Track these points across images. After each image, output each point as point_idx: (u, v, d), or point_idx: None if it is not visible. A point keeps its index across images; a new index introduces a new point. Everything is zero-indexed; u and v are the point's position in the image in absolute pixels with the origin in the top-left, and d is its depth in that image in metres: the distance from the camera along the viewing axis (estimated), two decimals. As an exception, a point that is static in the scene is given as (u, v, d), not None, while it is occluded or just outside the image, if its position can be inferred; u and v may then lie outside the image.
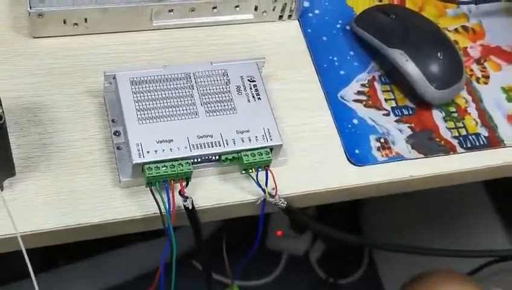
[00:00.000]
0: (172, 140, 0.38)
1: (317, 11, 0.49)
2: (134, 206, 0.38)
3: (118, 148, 0.39)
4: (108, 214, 0.38)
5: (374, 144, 0.43)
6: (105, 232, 0.38)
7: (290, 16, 0.48)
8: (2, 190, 0.37)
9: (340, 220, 0.52)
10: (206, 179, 0.40)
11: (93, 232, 0.38)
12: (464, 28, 0.51)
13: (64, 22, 0.43)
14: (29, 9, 0.41)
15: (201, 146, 0.38)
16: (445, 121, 0.46)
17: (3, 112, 0.32)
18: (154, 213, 0.38)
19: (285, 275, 0.93)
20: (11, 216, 0.32)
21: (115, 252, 0.82)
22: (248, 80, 0.41)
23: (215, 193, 0.40)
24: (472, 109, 0.47)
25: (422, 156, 0.44)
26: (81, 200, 0.38)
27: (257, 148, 0.38)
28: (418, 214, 0.86)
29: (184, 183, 0.38)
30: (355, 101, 0.45)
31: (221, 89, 0.40)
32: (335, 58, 0.47)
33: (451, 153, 0.44)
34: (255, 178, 0.39)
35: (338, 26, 0.49)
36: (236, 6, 0.46)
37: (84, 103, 0.41)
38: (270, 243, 0.92)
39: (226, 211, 0.40)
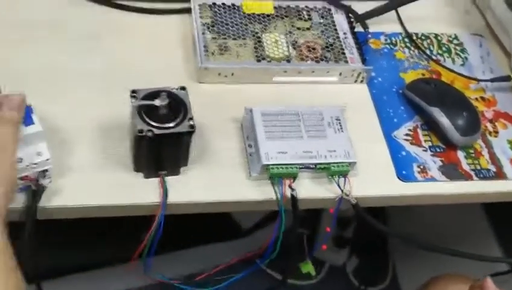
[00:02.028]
0: (287, 152, 0.49)
1: (380, 79, 0.61)
2: (259, 192, 0.49)
3: (250, 155, 0.51)
4: (243, 196, 0.49)
5: (416, 169, 0.54)
6: (239, 207, 0.50)
7: (361, 81, 0.60)
8: (179, 174, 0.50)
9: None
10: (305, 180, 0.51)
11: (233, 206, 0.50)
12: (482, 98, 0.62)
13: (219, 74, 0.56)
14: (200, 64, 0.55)
15: (304, 157, 0.49)
16: (466, 158, 0.56)
17: (194, 124, 0.45)
18: (271, 198, 0.49)
19: (326, 280, 1.01)
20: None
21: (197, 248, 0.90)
22: (335, 118, 0.53)
23: (310, 189, 0.51)
24: (485, 152, 0.56)
25: (449, 180, 0.53)
26: (226, 186, 0.50)
27: (340, 162, 0.50)
28: (430, 226, 0.91)
29: (292, 180, 0.49)
30: (404, 139, 0.56)
31: (318, 123, 0.52)
32: (391, 111, 0.58)
33: (469, 180, 0.54)
34: (337, 182, 0.50)
35: (393, 90, 0.60)
36: (328, 72, 0.58)
37: (228, 126, 0.54)
38: (317, 254, 1.00)
39: (315, 203, 0.51)
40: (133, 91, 0.46)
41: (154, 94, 0.45)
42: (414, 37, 0.65)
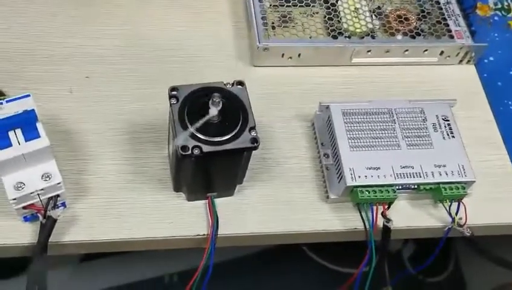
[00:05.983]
0: (379, 168, 0.36)
1: (491, 58, 0.45)
2: (339, 220, 0.37)
3: (327, 168, 0.38)
4: (317, 225, 0.37)
5: (549, 185, 0.39)
6: (309, 239, 0.38)
7: (468, 61, 0.45)
8: (232, 195, 0.37)
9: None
10: (400, 203, 0.38)
11: (302, 238, 0.37)
12: None
13: (282, 56, 0.42)
14: (258, 44, 0.41)
15: (403, 175, 0.36)
16: None
17: (257, 137, 0.32)
18: (355, 228, 0.36)
19: (378, 266, 0.90)
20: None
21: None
22: (442, 118, 0.38)
23: (407, 216, 0.37)
24: None
25: None
26: (295, 211, 0.37)
27: (453, 182, 0.36)
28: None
29: (386, 206, 0.36)
30: (530, 144, 0.41)
31: (419, 125, 0.38)
32: (510, 103, 0.43)
33: None
34: (447, 208, 0.36)
35: (511, 72, 0.45)
36: (425, 50, 0.43)
37: (294, 125, 0.40)
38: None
39: (412, 233, 0.38)
40: (173, 89, 0.32)
41: (201, 93, 0.32)
42: (534, -1, 0.49)
